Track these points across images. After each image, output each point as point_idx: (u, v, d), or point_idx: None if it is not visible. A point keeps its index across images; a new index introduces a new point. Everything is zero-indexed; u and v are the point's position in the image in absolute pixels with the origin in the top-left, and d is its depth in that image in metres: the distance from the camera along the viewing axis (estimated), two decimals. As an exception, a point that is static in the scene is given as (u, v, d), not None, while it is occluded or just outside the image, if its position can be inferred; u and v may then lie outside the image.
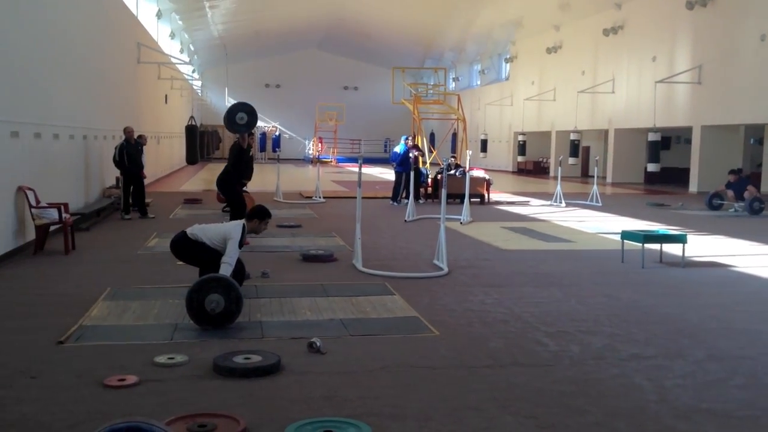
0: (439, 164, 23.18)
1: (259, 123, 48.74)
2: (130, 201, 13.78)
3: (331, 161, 43.58)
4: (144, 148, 14.65)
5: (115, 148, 13.80)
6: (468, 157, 15.61)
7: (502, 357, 5.32)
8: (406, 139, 17.78)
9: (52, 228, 9.82)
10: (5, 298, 6.96)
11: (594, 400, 4.47)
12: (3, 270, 8.31)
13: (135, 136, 14.05)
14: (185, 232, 6.80)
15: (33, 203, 9.51)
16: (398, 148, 17.70)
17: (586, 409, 4.31)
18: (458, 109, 26.49)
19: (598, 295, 7.57)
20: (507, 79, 38.85)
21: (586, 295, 7.54)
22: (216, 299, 5.77)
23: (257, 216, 6.91)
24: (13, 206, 9.24)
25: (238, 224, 6.76)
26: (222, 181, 10.85)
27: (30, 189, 9.58)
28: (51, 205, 9.76)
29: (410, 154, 16.70)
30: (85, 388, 4.48)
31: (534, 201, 19.46)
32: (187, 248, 6.79)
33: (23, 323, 5.99)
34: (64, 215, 9.70)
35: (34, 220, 9.48)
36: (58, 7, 11.89)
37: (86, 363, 4.95)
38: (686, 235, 9.74)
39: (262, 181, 22.68)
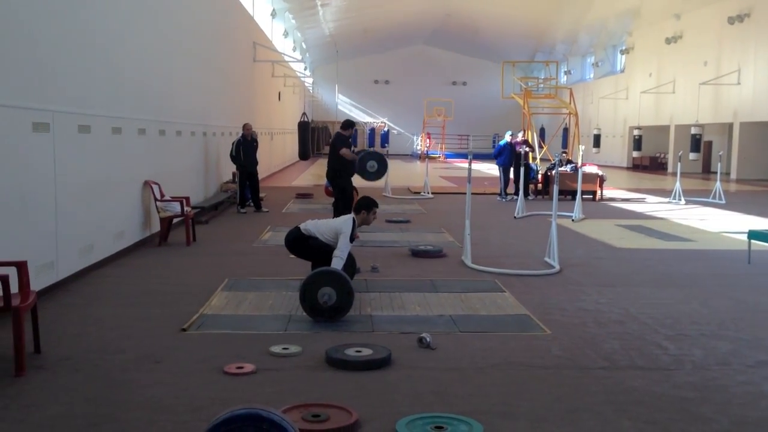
0: (549, 160, 22.68)
1: (368, 119, 49.44)
2: (246, 195, 14.29)
3: (440, 157, 43.54)
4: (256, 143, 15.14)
5: (232, 144, 14.36)
6: (580, 153, 15.17)
7: (618, 359, 5.14)
8: (512, 134, 17.54)
9: (174, 221, 10.33)
10: (133, 286, 7.39)
11: (719, 407, 4.24)
12: (131, 260, 8.82)
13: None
14: (299, 227, 6.97)
15: (158, 197, 10.04)
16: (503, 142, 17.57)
17: (711, 417, 4.09)
18: (570, 103, 25.80)
19: (721, 297, 7.17)
20: (622, 71, 37.49)
21: (708, 297, 7.17)
22: (328, 292, 5.89)
23: (364, 207, 6.99)
24: (140, 199, 9.79)
25: (348, 219, 6.86)
26: (331, 175, 11.14)
27: (155, 183, 10.11)
28: (174, 199, 10.27)
29: (520, 149, 16.68)
30: (207, 374, 4.68)
31: (650, 198, 18.69)
32: (300, 243, 6.95)
33: (149, 311, 6.33)
34: (185, 208, 10.17)
35: (158, 212, 10.00)
36: (181, 12, 12.48)
37: (207, 350, 5.17)
38: (822, 235, 9.07)
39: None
